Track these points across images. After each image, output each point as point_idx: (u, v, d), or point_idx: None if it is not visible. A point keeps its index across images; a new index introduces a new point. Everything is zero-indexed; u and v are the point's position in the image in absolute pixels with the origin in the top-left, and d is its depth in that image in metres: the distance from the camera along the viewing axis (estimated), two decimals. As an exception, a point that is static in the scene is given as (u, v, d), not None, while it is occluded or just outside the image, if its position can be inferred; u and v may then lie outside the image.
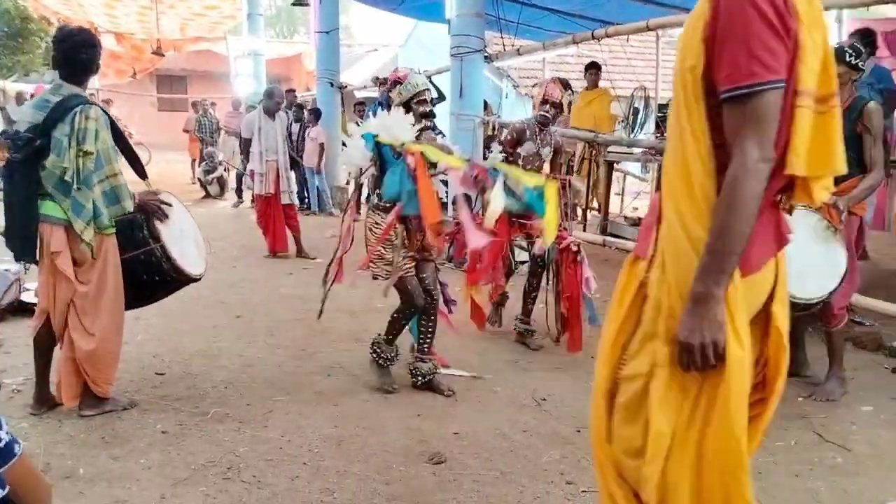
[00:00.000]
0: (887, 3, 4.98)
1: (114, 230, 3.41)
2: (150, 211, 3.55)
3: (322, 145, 10.62)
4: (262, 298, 5.94)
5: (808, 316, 4.21)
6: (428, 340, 4.00)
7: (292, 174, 7.67)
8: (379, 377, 3.97)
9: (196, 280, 3.82)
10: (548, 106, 4.77)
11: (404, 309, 3.95)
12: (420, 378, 3.93)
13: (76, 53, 3.33)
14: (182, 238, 3.75)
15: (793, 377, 4.14)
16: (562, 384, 4.10)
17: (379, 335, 4.03)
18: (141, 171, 3.76)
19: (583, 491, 2.88)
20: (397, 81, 4.46)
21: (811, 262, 3.58)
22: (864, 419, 3.64)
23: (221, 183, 12.96)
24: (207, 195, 12.81)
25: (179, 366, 4.26)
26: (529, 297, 4.90)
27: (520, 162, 4.79)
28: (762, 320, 1.79)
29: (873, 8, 6.70)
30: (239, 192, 11.97)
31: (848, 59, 3.78)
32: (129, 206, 3.44)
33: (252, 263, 7.37)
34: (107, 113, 3.44)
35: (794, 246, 3.68)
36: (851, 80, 3.85)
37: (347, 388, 3.97)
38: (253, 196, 11.45)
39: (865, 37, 6.20)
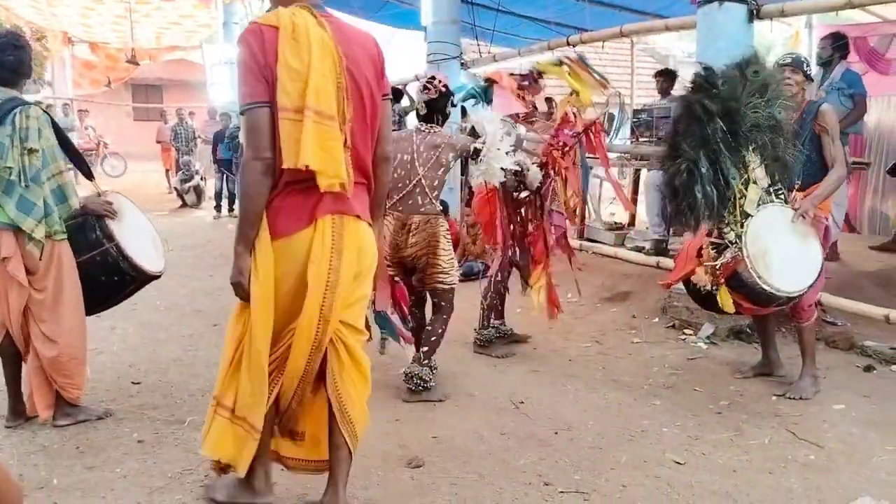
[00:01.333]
0: (854, 7, 5.06)
1: (65, 235, 3.37)
2: (94, 211, 3.49)
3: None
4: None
5: (777, 315, 4.29)
6: (435, 347, 4.01)
7: None
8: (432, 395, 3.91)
9: (156, 277, 3.78)
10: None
11: (447, 320, 4.05)
12: (421, 384, 3.87)
13: (2, 56, 3.31)
14: (137, 236, 3.71)
15: (765, 377, 4.21)
16: (539, 387, 4.12)
17: (417, 367, 3.89)
18: (87, 172, 3.75)
19: (560, 492, 2.90)
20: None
21: (791, 257, 3.69)
22: (837, 417, 3.69)
23: (198, 192, 12.89)
24: (184, 204, 12.73)
25: (156, 375, 4.23)
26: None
27: None
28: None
29: (842, 13, 6.84)
30: (218, 205, 11.91)
31: (805, 69, 4.03)
32: (76, 202, 3.43)
33: (228, 272, 7.30)
34: (48, 113, 3.43)
35: (775, 241, 3.79)
36: (804, 88, 4.05)
37: (325, 394, 3.95)
38: (231, 206, 11.49)
39: (837, 40, 6.33)
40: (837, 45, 6.34)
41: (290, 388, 2.53)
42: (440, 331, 4.04)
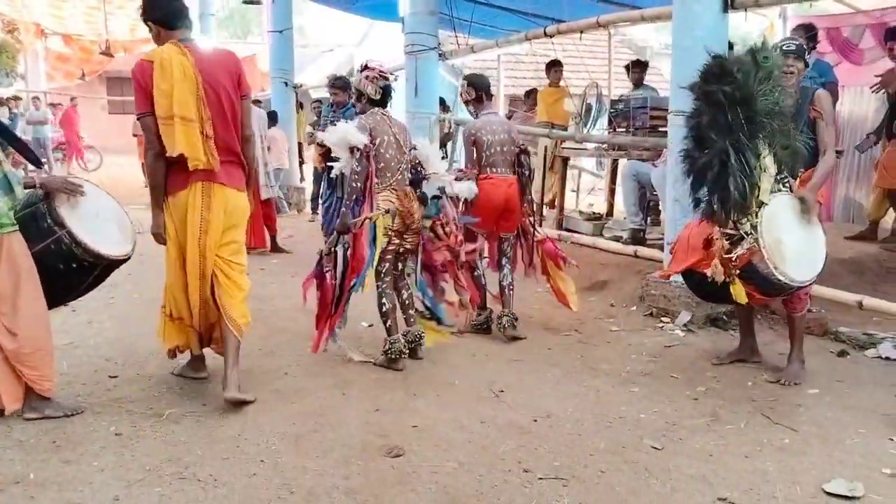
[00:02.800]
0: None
1: (16, 227, 3.31)
2: (55, 188, 3.46)
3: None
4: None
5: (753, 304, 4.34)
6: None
7: (271, 170, 7.62)
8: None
9: (122, 261, 3.74)
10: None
11: None
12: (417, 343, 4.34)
13: None
14: (98, 221, 3.65)
15: (742, 363, 4.27)
16: (519, 375, 4.14)
17: (393, 340, 4.23)
18: (34, 160, 3.72)
19: (539, 478, 2.92)
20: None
21: (802, 247, 3.72)
22: (811, 401, 3.75)
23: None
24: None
25: (133, 368, 4.20)
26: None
27: None
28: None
29: (816, 3, 6.92)
30: None
31: (806, 57, 4.07)
32: (21, 192, 3.40)
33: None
34: None
35: (787, 231, 3.80)
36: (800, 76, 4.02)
37: (305, 385, 3.95)
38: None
39: (808, 31, 6.40)
40: (808, 36, 6.41)
41: (195, 304, 3.65)
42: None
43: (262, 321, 5.11)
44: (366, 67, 4.31)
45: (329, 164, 4.91)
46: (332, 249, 4.16)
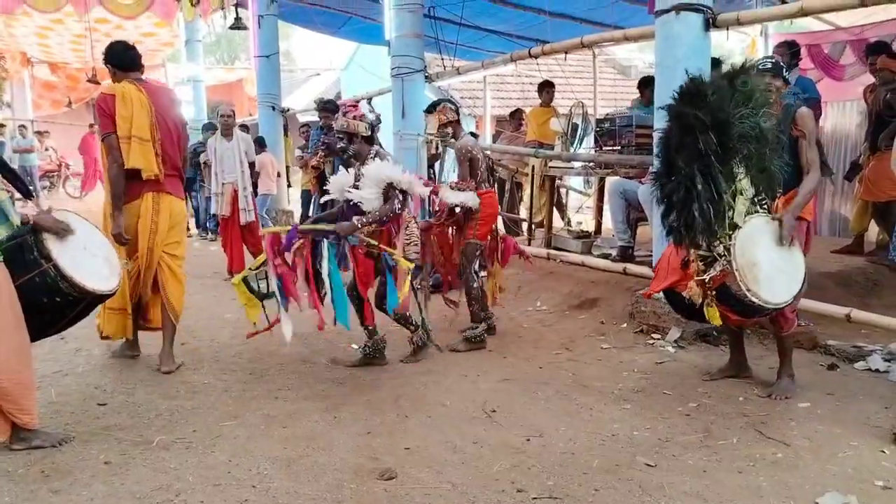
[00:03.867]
0: (807, 15, 5.19)
1: (0, 258, 3.27)
2: (45, 228, 3.45)
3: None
4: (206, 324, 5.84)
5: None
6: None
7: (250, 194, 7.60)
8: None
9: (108, 295, 3.75)
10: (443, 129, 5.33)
11: None
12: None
13: None
14: (85, 255, 3.64)
15: (733, 378, 4.27)
16: (510, 395, 4.13)
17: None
18: (25, 191, 3.71)
19: (533, 498, 2.90)
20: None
21: (777, 268, 3.69)
22: (802, 415, 3.75)
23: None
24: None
25: (122, 395, 4.16)
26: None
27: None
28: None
29: (797, 21, 7.01)
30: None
31: (784, 73, 4.07)
32: (17, 220, 3.40)
33: (196, 290, 7.23)
34: None
35: (762, 252, 3.78)
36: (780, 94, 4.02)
37: (296, 409, 3.92)
38: (198, 224, 11.40)
39: (791, 47, 6.50)
40: (792, 51, 6.51)
41: (142, 290, 4.55)
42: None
43: (251, 345, 5.09)
44: (347, 109, 4.53)
45: (324, 188, 5.00)
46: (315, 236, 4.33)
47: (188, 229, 11.58)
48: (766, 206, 3.82)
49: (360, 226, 4.33)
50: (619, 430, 3.59)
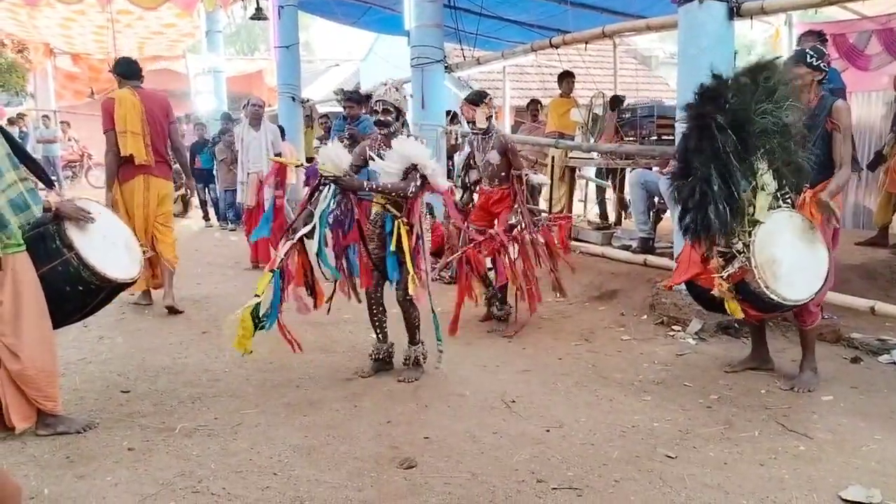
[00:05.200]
0: (833, 4, 5.12)
1: (23, 248, 3.30)
2: (68, 215, 3.47)
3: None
4: (227, 314, 5.85)
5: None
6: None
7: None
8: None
9: (129, 283, 3.77)
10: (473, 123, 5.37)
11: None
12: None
13: None
14: (106, 243, 3.66)
15: (754, 371, 4.25)
16: (530, 386, 4.13)
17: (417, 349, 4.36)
18: (47, 181, 3.75)
19: (553, 488, 2.90)
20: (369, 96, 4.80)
21: (799, 264, 3.66)
22: (825, 408, 3.72)
23: (185, 201, 12.81)
24: (170, 214, 12.67)
25: (145, 383, 4.21)
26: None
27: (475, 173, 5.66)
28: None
29: (822, 10, 6.92)
30: (206, 214, 11.87)
31: (808, 60, 3.92)
32: (39, 210, 3.42)
33: (217, 280, 7.31)
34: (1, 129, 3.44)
35: (783, 249, 3.72)
36: (815, 80, 3.93)
37: (317, 398, 3.95)
38: (218, 214, 11.48)
39: (819, 37, 6.39)
40: (821, 40, 6.40)
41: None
42: None
43: (271, 335, 5.11)
44: (396, 85, 4.40)
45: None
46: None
47: (208, 219, 11.74)
48: (789, 200, 3.77)
49: (366, 188, 4.14)
50: (640, 422, 3.58)
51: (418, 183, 4.14)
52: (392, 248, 4.10)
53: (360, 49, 22.49)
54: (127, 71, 5.81)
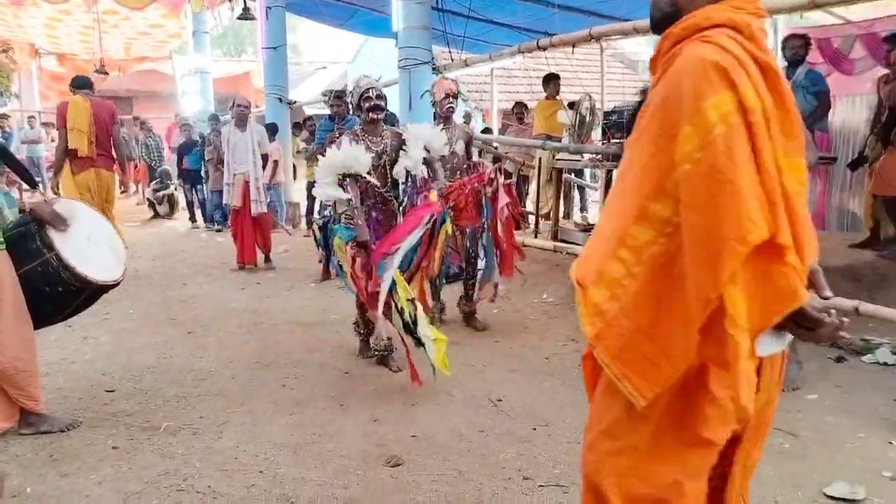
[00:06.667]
0: (818, 7, 5.16)
1: (3, 246, 3.28)
2: (42, 219, 3.41)
3: (276, 162, 10.52)
4: (213, 314, 5.85)
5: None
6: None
7: (262, 185, 7.61)
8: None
9: (111, 286, 3.67)
10: (450, 98, 5.11)
11: None
12: (378, 353, 4.41)
13: None
14: (88, 244, 3.61)
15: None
16: (517, 385, 4.13)
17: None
18: (30, 181, 3.74)
19: (540, 485, 2.91)
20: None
21: None
22: (810, 406, 3.75)
23: (171, 202, 12.75)
24: (156, 215, 12.60)
25: (129, 382, 4.18)
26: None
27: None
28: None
29: (807, 15, 6.97)
30: (192, 216, 11.78)
31: None
32: (12, 215, 3.42)
33: (203, 280, 7.27)
34: None
35: None
36: None
37: (303, 397, 3.93)
38: (205, 216, 11.41)
39: (804, 40, 6.44)
40: (805, 44, 6.45)
41: None
42: None
43: (257, 335, 5.11)
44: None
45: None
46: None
47: (194, 220, 11.68)
48: None
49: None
50: (626, 420, 3.58)
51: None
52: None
53: (348, 51, 22.48)
54: (80, 83, 7.28)
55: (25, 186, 7.15)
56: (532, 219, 8.39)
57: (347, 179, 4.10)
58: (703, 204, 1.41)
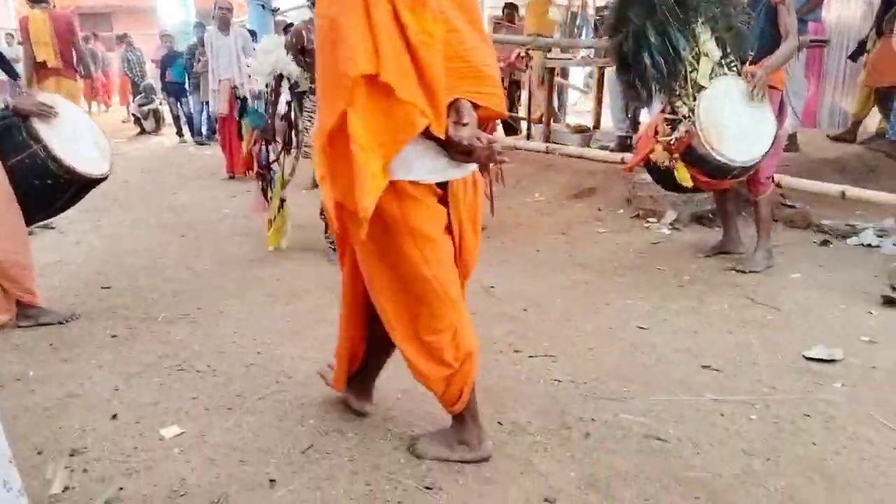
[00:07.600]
0: None
1: None
2: (27, 112, 3.38)
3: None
4: (205, 219, 5.87)
5: (737, 197, 4.40)
6: None
7: (248, 91, 7.48)
8: None
9: (100, 180, 3.65)
10: None
11: None
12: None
13: None
14: (75, 138, 3.58)
15: (726, 254, 4.33)
16: (508, 274, 4.19)
17: None
18: (10, 71, 3.67)
19: (530, 356, 3.00)
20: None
21: (744, 128, 3.71)
22: (794, 284, 3.83)
23: (157, 117, 12.56)
24: (142, 131, 12.44)
25: (125, 280, 4.22)
26: None
27: None
28: None
29: None
30: (179, 130, 11.58)
31: None
32: None
33: (193, 189, 7.25)
34: None
35: (727, 113, 3.75)
36: None
37: (299, 290, 3.98)
38: (192, 130, 11.25)
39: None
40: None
41: None
42: None
43: (250, 238, 5.15)
44: None
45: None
46: None
47: (181, 135, 11.52)
48: (735, 68, 3.81)
49: None
50: (614, 300, 3.67)
51: None
52: None
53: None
54: (35, 2, 7.26)
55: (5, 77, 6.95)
56: (524, 124, 8.33)
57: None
58: (329, 49, 1.85)
